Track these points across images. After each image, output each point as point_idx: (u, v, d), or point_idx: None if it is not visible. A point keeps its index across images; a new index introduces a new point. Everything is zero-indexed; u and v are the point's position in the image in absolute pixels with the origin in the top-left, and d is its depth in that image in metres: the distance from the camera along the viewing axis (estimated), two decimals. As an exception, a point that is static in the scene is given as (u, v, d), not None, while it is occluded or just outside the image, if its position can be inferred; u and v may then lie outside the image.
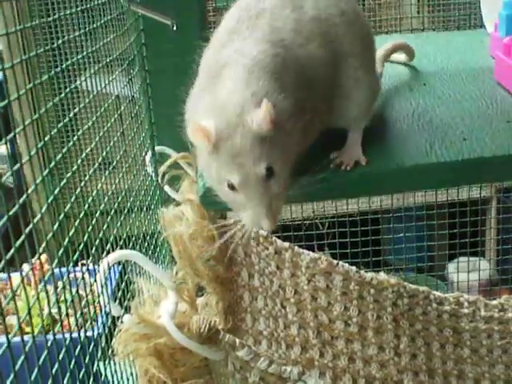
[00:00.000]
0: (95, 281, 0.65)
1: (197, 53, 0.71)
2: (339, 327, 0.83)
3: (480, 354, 0.87)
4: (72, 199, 0.80)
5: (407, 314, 0.84)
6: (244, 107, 0.61)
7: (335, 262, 0.82)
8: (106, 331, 0.87)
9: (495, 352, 0.87)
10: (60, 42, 0.76)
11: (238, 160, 0.61)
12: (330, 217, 1.93)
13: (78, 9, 0.76)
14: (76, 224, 0.82)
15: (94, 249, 0.89)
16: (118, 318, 0.66)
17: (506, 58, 0.92)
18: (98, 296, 0.61)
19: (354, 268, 0.83)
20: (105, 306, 0.65)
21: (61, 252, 0.74)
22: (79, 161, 0.82)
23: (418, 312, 0.85)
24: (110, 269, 0.62)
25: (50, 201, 0.70)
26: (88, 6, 0.82)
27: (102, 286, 0.60)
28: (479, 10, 1.27)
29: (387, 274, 0.84)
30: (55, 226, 0.71)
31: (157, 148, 0.88)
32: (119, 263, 1.11)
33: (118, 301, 0.97)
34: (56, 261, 0.74)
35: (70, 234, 0.78)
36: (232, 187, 0.62)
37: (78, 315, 0.75)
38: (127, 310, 0.67)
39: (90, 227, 0.87)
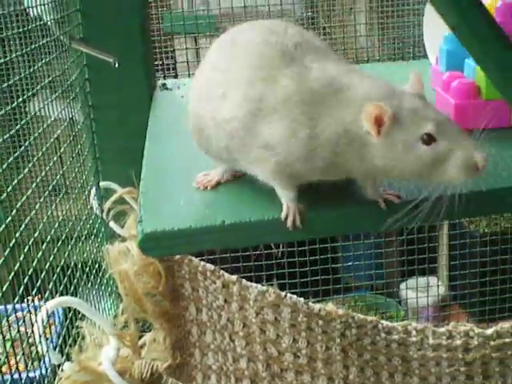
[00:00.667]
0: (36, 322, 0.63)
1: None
2: (288, 359, 0.83)
3: (429, 382, 0.88)
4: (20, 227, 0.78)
5: (356, 344, 0.85)
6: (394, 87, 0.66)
7: (283, 294, 0.82)
8: (49, 373, 0.85)
9: (444, 379, 0.88)
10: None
11: (423, 113, 0.62)
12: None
13: (18, 53, 0.75)
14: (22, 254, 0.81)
15: (39, 281, 0.87)
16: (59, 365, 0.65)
17: (444, 93, 0.93)
18: (36, 346, 0.60)
19: (301, 299, 0.83)
20: (43, 356, 0.63)
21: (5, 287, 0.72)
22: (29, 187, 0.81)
23: (366, 342, 0.85)
24: (52, 312, 0.61)
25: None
26: (30, 47, 0.81)
27: (39, 336, 0.59)
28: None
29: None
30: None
31: (102, 183, 0.87)
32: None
33: (64, 343, 0.95)
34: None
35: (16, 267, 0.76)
36: (429, 139, 0.61)
37: (19, 356, 0.73)
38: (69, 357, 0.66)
39: (36, 258, 0.86)
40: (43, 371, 0.83)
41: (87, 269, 1.09)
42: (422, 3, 2.04)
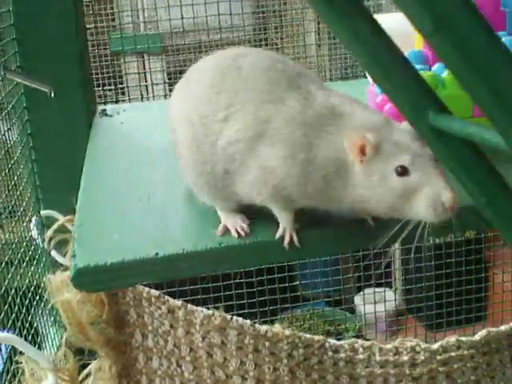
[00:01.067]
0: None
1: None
2: (236, 382, 0.83)
3: (377, 398, 0.88)
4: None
5: (303, 364, 0.85)
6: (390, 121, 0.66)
7: (229, 317, 0.82)
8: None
9: (391, 395, 0.89)
10: None
11: (403, 145, 0.62)
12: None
13: None
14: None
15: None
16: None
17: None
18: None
19: (248, 322, 0.83)
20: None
21: None
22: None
23: (313, 361, 0.86)
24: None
25: None
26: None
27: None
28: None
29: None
30: None
31: (43, 212, 0.86)
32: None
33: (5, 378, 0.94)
34: None
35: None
36: (403, 171, 0.61)
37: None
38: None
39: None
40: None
41: (30, 295, 1.08)
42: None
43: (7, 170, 0.93)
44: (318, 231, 0.68)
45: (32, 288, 1.07)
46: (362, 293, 2.13)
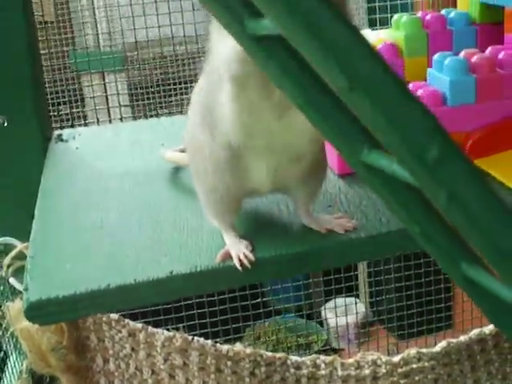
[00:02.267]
0: None
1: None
2: (199, 402, 0.83)
3: (340, 413, 0.89)
4: None
5: (265, 382, 0.86)
6: None
7: (190, 338, 0.83)
8: None
9: (354, 409, 0.89)
10: None
11: None
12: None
13: None
14: None
15: None
16: None
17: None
18: None
19: (209, 342, 0.84)
20: None
21: None
22: None
23: (276, 379, 0.86)
24: None
25: None
26: None
27: None
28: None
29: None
30: None
31: (0, 239, 0.86)
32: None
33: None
34: None
35: None
36: None
37: None
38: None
39: None
40: None
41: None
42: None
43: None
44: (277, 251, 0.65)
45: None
46: (330, 305, 2.15)
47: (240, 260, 0.62)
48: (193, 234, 0.69)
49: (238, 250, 0.63)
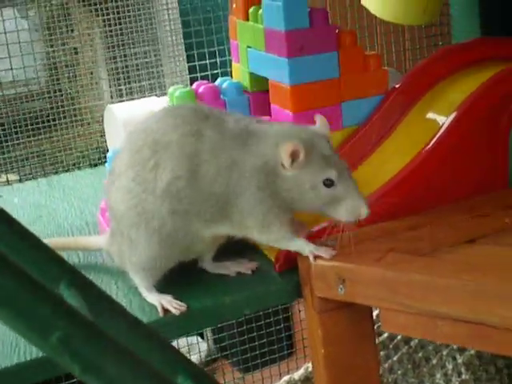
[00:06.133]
0: None
1: None
2: None
3: None
4: None
5: None
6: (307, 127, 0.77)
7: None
8: None
9: None
10: None
11: (329, 159, 0.73)
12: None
13: None
14: None
15: None
16: None
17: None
18: None
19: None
20: None
21: None
22: None
23: None
24: None
25: None
26: None
27: None
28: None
29: None
30: None
31: None
32: None
33: None
34: None
35: None
36: (330, 183, 0.73)
37: None
38: None
39: None
40: None
41: None
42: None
43: None
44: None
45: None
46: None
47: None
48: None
49: (168, 301, 0.74)
